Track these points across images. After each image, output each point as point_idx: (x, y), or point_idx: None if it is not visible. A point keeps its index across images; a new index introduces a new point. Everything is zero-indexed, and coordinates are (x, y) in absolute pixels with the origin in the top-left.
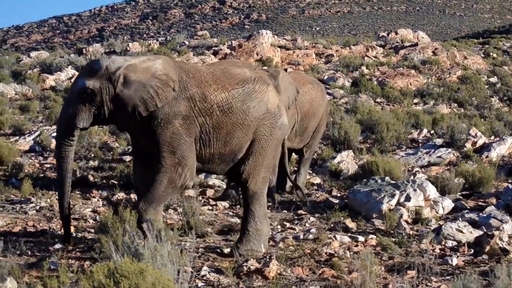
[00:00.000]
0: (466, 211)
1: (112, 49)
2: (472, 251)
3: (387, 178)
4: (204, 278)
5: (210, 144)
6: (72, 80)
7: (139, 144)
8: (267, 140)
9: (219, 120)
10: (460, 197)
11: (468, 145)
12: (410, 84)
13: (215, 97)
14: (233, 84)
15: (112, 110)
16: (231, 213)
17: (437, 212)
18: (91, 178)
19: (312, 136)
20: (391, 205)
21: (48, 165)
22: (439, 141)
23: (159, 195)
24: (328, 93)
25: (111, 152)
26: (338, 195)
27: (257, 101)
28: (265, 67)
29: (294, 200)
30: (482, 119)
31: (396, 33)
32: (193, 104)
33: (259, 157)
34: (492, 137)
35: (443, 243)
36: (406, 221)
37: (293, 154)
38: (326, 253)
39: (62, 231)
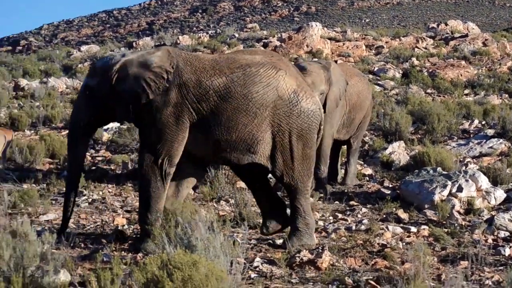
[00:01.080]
0: None
1: (162, 43)
2: None
3: (439, 169)
4: (257, 269)
5: (211, 130)
6: None
7: None
8: (287, 131)
9: (217, 106)
10: None
11: None
12: (461, 75)
13: (211, 83)
14: (232, 68)
15: (110, 106)
16: None
17: (489, 203)
18: None
19: (358, 127)
20: (443, 196)
21: (100, 158)
22: (490, 131)
23: (154, 195)
24: (379, 85)
25: None
26: (390, 186)
27: (261, 85)
28: (315, 59)
29: (346, 191)
30: None
31: (446, 24)
32: (186, 91)
33: (285, 150)
34: None
35: (495, 233)
36: (458, 212)
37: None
38: (378, 244)
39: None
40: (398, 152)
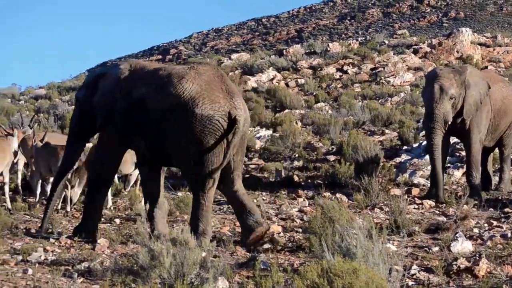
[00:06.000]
0: None
1: (312, 50)
2: None
3: None
4: (414, 277)
5: (151, 142)
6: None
7: None
8: (181, 136)
9: (141, 114)
10: None
11: None
12: None
13: (136, 93)
14: (149, 80)
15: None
16: (437, 212)
17: None
18: (296, 178)
19: (505, 134)
20: None
21: (253, 166)
22: None
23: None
24: None
25: (315, 152)
26: None
27: (162, 94)
28: (465, 65)
29: (500, 197)
30: None
31: None
32: (128, 100)
33: (179, 153)
34: None
35: None
36: None
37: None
38: None
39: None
40: None
